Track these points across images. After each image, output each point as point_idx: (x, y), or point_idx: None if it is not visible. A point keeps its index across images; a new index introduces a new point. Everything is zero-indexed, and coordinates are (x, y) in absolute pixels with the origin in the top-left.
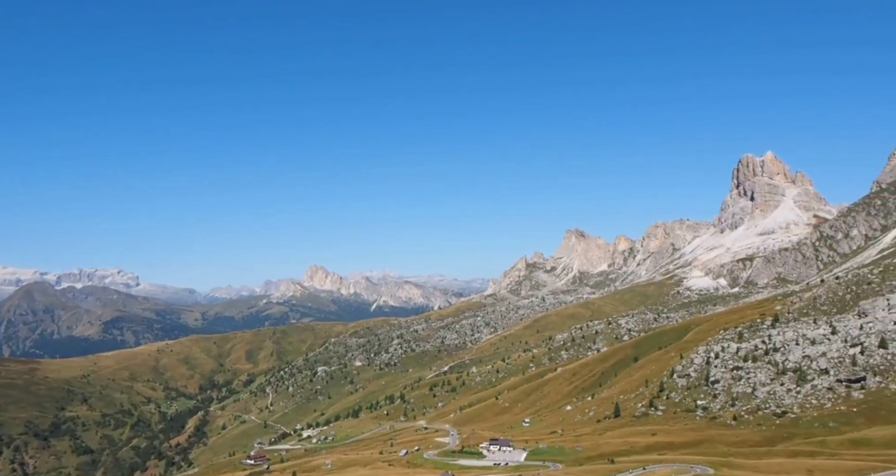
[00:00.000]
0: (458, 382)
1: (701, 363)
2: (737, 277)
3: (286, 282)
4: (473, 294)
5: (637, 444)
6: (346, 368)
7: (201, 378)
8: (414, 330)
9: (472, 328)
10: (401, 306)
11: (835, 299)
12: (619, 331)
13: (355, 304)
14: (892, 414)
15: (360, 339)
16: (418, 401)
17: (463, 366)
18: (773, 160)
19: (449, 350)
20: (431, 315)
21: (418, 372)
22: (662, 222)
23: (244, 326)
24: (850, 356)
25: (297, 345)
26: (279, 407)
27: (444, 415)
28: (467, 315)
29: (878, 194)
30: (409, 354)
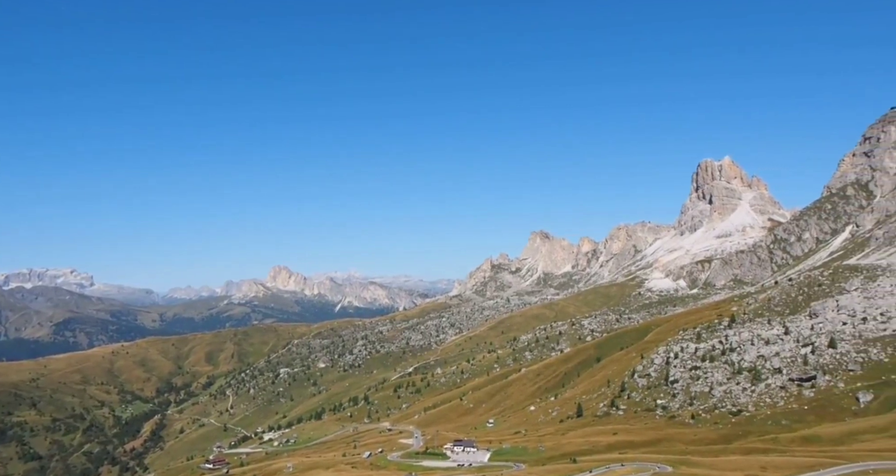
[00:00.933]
0: (423, 383)
1: (661, 363)
2: (696, 279)
3: (248, 282)
4: (439, 295)
5: (599, 443)
6: (309, 370)
7: (158, 381)
8: (379, 331)
9: (438, 329)
10: (366, 307)
11: (788, 300)
12: (583, 331)
13: (319, 304)
14: (840, 411)
15: (323, 341)
16: (382, 402)
17: (428, 367)
18: (730, 165)
19: (414, 351)
20: (396, 316)
21: (383, 373)
22: (625, 224)
23: (204, 328)
24: (801, 356)
25: (258, 346)
26: (240, 410)
27: (408, 416)
28: (432, 316)
29: (828, 199)
30: (374, 356)
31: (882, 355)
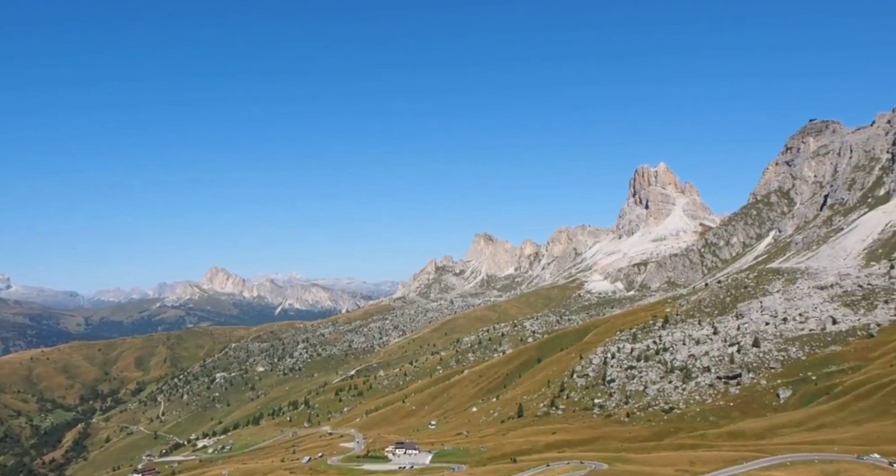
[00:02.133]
0: (365, 386)
1: (599, 363)
2: (632, 281)
3: (183, 284)
4: (383, 297)
5: (538, 442)
6: (247, 374)
7: (83, 388)
8: (321, 334)
9: (381, 331)
10: (307, 310)
11: (717, 302)
12: (524, 333)
13: (259, 307)
14: (763, 407)
15: (263, 344)
16: (323, 406)
17: (370, 369)
18: (665, 171)
19: (356, 354)
20: (339, 318)
21: (324, 376)
22: (566, 228)
23: (134, 332)
24: (728, 355)
25: (193, 350)
26: (172, 416)
27: (349, 419)
28: (376, 318)
29: (753, 205)
30: (315, 359)
31: (800, 353)
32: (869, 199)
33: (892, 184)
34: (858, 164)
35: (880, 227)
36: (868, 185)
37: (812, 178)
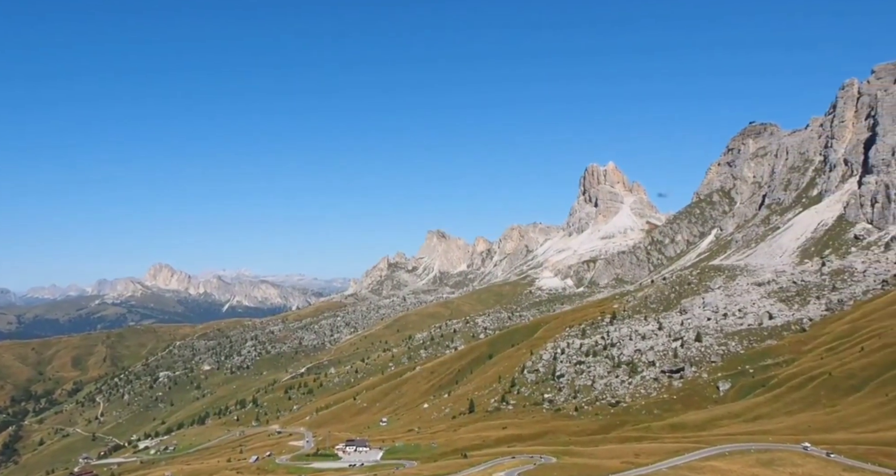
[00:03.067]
0: (316, 384)
1: (549, 359)
2: (582, 278)
3: (124, 281)
4: (334, 294)
5: (489, 438)
6: (192, 373)
7: (14, 389)
8: (270, 331)
9: (332, 328)
10: (256, 307)
11: (662, 298)
12: (476, 329)
13: (205, 304)
14: (704, 400)
15: (209, 342)
16: (272, 404)
17: (321, 367)
18: (614, 170)
19: (307, 351)
20: (289, 315)
21: (273, 374)
22: (518, 225)
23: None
24: (672, 349)
25: (135, 349)
26: (111, 417)
27: (299, 418)
28: (327, 315)
29: (697, 204)
30: (264, 357)
31: (739, 347)
32: (803, 199)
33: (824, 185)
34: (794, 165)
35: (813, 226)
36: (802, 185)
37: (751, 179)
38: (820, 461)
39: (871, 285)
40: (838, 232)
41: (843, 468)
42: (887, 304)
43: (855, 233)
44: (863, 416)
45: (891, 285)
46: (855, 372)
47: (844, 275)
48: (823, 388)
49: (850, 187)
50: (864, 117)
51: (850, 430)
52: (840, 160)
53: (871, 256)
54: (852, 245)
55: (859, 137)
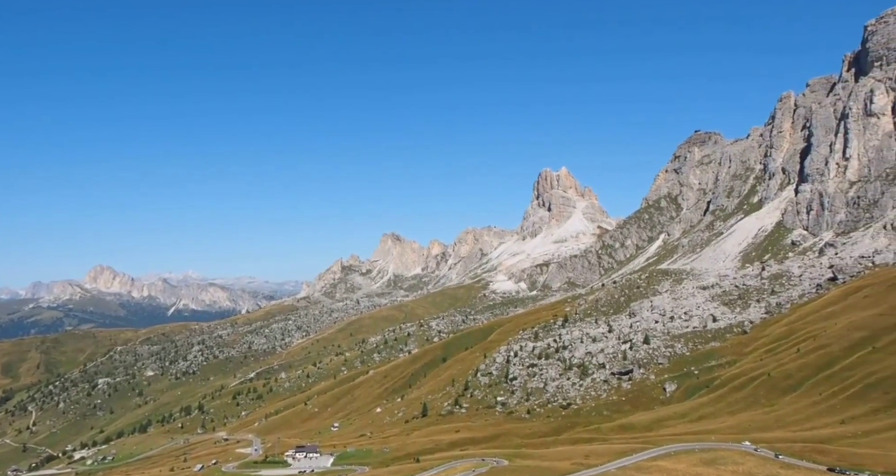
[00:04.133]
0: (266, 389)
1: (502, 362)
2: (535, 281)
3: (62, 284)
4: (286, 297)
5: (442, 441)
6: (134, 379)
7: None
8: (218, 335)
9: (283, 332)
10: (204, 310)
11: (612, 301)
12: (430, 332)
13: (150, 308)
14: (651, 401)
15: (153, 347)
16: (219, 410)
17: (271, 371)
18: (566, 175)
19: (257, 356)
20: (238, 319)
21: (221, 380)
22: (473, 228)
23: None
24: (621, 351)
25: (72, 355)
26: (45, 427)
27: (247, 424)
28: (278, 319)
29: (646, 210)
30: (212, 361)
31: (685, 350)
32: (745, 206)
33: (764, 192)
34: (736, 173)
35: (754, 232)
36: (744, 192)
37: (697, 186)
38: (759, 459)
39: (807, 289)
40: (777, 238)
41: (780, 465)
42: (821, 307)
43: (792, 239)
44: (799, 414)
45: (824, 289)
46: (792, 372)
47: (782, 279)
48: (763, 388)
49: (788, 195)
50: (800, 128)
51: (787, 428)
52: (778, 169)
53: (807, 261)
54: (790, 250)
55: (796, 147)
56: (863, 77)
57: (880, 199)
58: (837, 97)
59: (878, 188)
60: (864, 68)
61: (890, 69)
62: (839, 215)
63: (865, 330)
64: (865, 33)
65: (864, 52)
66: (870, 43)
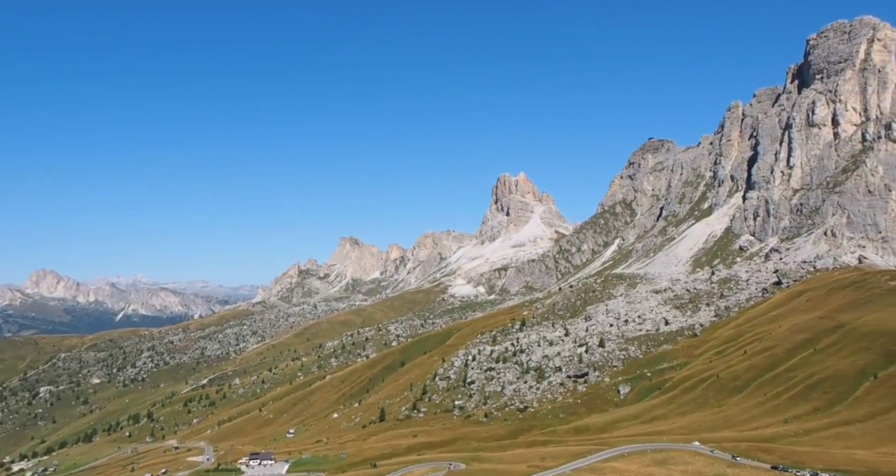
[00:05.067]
0: (219, 396)
1: (460, 366)
2: (494, 285)
3: (0, 288)
4: (241, 302)
5: (399, 446)
6: (79, 387)
7: None
8: (169, 341)
9: (238, 337)
10: (154, 315)
11: (568, 305)
12: (389, 337)
13: (96, 313)
14: (606, 403)
15: (100, 353)
16: (170, 418)
17: (225, 377)
18: (525, 180)
19: (209, 362)
20: (191, 324)
21: (172, 387)
22: (432, 232)
23: None
24: (577, 354)
25: (11, 362)
26: None
27: (199, 431)
28: (232, 324)
29: (601, 215)
30: (162, 368)
31: (638, 352)
32: (696, 211)
33: (714, 199)
34: (688, 180)
35: (704, 238)
36: (695, 199)
37: (650, 192)
38: (708, 459)
39: (754, 293)
40: (726, 243)
41: (727, 464)
42: (767, 311)
43: (740, 244)
44: (745, 414)
45: (770, 293)
46: (739, 374)
47: (731, 283)
48: (712, 389)
49: (736, 201)
50: (747, 137)
51: (734, 428)
52: (727, 176)
53: (754, 266)
54: (738, 255)
55: (744, 155)
56: (805, 89)
57: (821, 207)
58: (782, 108)
59: (819, 196)
60: (807, 80)
61: (830, 82)
62: (784, 221)
63: (807, 332)
64: (808, 47)
65: (807, 64)
66: (812, 56)
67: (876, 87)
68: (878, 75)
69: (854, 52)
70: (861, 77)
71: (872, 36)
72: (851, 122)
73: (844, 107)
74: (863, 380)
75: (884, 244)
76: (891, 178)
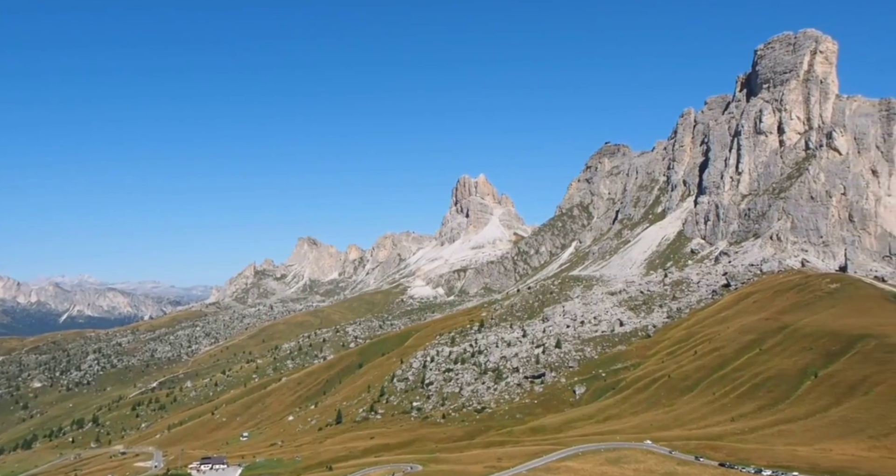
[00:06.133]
0: (169, 399)
1: (419, 367)
2: (453, 287)
3: None
4: (194, 302)
5: (356, 448)
6: (18, 391)
7: None
8: (117, 343)
9: (190, 339)
10: (102, 317)
11: (526, 307)
12: (347, 338)
13: (38, 314)
14: (562, 403)
15: (41, 356)
16: (116, 423)
17: (176, 380)
18: (484, 182)
19: (160, 364)
20: (140, 326)
21: (119, 390)
22: (391, 233)
23: None
24: (534, 355)
25: None
26: None
27: (148, 436)
28: (185, 325)
29: (559, 218)
30: (109, 371)
31: (594, 353)
32: (650, 215)
33: (667, 203)
34: (642, 184)
35: (658, 241)
36: (649, 203)
37: (606, 195)
38: (659, 457)
39: (704, 295)
40: (678, 246)
41: (677, 462)
42: (716, 312)
43: (691, 247)
44: (695, 413)
45: (719, 295)
46: (689, 373)
47: (683, 285)
48: (664, 389)
49: (688, 206)
50: (699, 143)
51: (685, 426)
52: (680, 181)
53: (704, 269)
54: (689, 258)
55: (695, 161)
56: (753, 97)
57: (767, 212)
58: (731, 115)
59: (765, 201)
60: (755, 89)
61: (776, 91)
62: (732, 226)
63: (753, 333)
64: (756, 57)
65: (755, 74)
66: (759, 66)
67: (818, 97)
68: (820, 86)
69: (798, 63)
70: (805, 87)
71: (815, 48)
72: (796, 131)
73: (789, 116)
74: (804, 379)
75: (825, 248)
76: (831, 185)
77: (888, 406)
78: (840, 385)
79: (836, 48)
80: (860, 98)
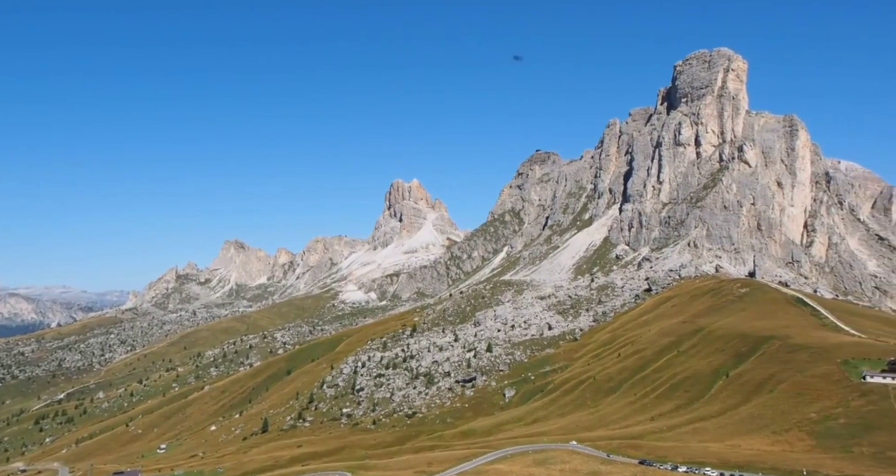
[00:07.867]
0: (78, 411)
1: (349, 372)
2: (385, 291)
3: None
4: (108, 308)
5: (282, 457)
6: None
7: None
8: (19, 352)
9: (103, 347)
10: (3, 324)
11: (458, 311)
12: (275, 344)
13: None
14: (492, 407)
15: None
16: (17, 438)
17: (86, 391)
18: (418, 187)
19: (69, 374)
20: (47, 333)
21: (21, 403)
22: (323, 237)
23: None
24: (466, 360)
25: None
26: None
27: (53, 451)
28: (98, 332)
29: (492, 223)
30: (9, 383)
31: (523, 356)
32: (578, 222)
33: (594, 210)
34: (571, 191)
35: (585, 247)
36: (577, 210)
37: (537, 202)
38: (584, 456)
39: (627, 299)
40: (604, 252)
41: (600, 461)
42: (639, 316)
43: (616, 253)
44: (618, 413)
45: (641, 299)
46: (613, 375)
47: (608, 290)
48: (589, 390)
49: (614, 213)
50: (624, 153)
51: (608, 426)
52: (606, 189)
53: (628, 274)
54: (614, 264)
55: (620, 170)
56: (673, 110)
57: (686, 219)
58: (653, 127)
59: (684, 210)
60: (675, 103)
61: (693, 105)
62: (654, 232)
63: (672, 336)
64: (675, 72)
65: (675, 88)
66: (678, 81)
67: (731, 112)
68: (732, 102)
69: (713, 79)
70: (719, 103)
71: (728, 66)
72: (711, 144)
73: (705, 129)
74: (717, 379)
75: (737, 255)
76: (742, 196)
77: (789, 403)
78: (748, 384)
79: (747, 66)
80: (767, 114)
